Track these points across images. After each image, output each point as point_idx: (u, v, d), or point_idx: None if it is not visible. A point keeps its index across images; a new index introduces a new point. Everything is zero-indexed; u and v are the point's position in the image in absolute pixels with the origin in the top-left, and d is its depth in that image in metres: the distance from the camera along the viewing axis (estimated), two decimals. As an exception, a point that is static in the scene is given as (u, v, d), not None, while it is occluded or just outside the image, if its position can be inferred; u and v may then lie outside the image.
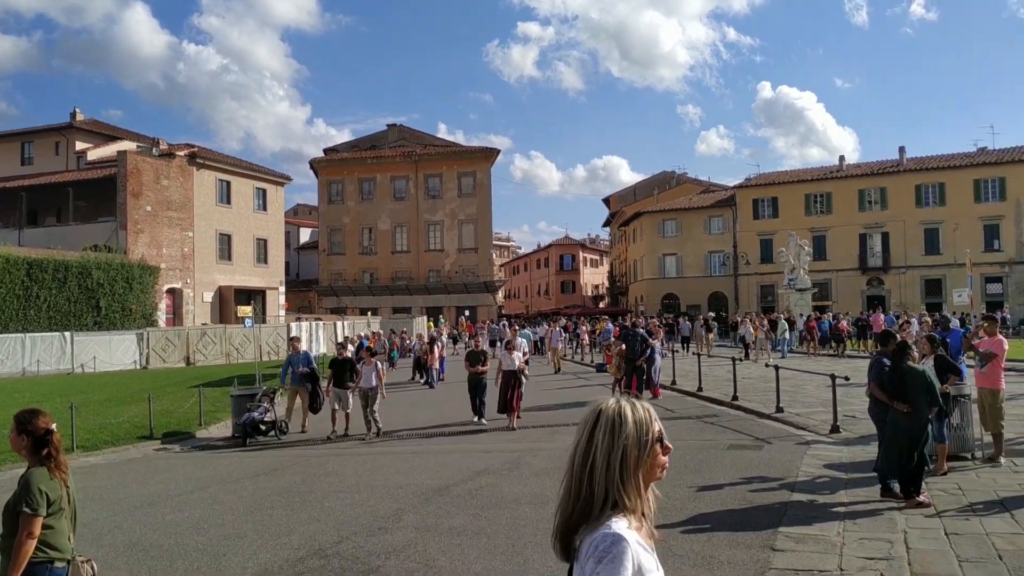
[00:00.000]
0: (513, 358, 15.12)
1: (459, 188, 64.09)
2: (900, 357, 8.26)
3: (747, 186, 62.56)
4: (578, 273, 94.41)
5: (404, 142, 69.30)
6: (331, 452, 13.50)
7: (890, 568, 5.96)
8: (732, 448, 11.60)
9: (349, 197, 65.42)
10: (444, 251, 64.18)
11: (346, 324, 42.27)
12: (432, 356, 24.43)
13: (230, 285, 47.47)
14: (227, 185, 48.21)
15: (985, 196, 53.51)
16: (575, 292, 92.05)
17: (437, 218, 64.32)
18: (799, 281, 41.54)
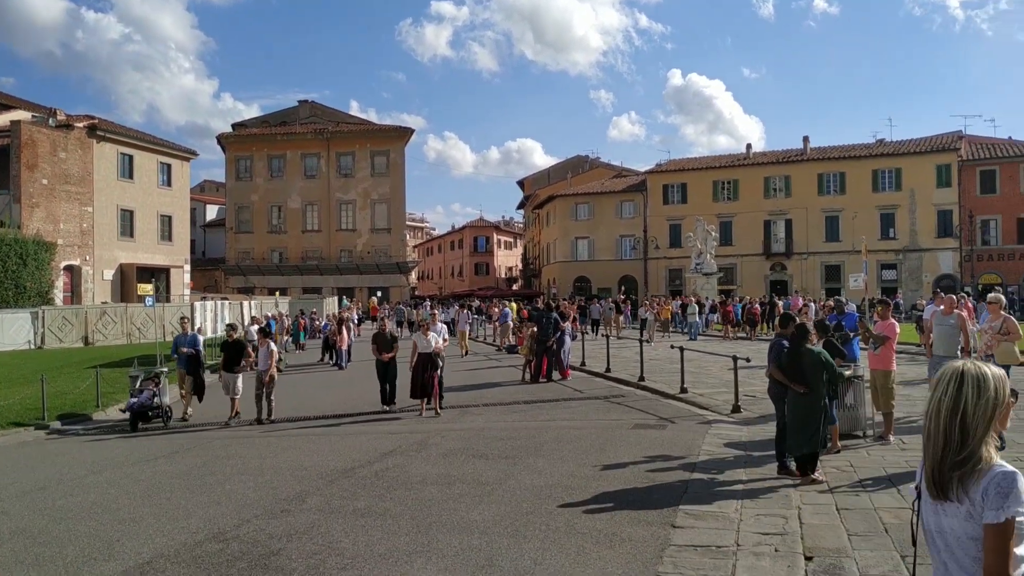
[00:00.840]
0: (429, 339, 14.17)
1: (372, 167, 63.29)
2: (799, 340, 8.49)
3: (658, 172, 63.63)
4: (492, 255, 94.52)
5: (316, 119, 67.95)
6: (234, 435, 13.20)
7: (784, 543, 6.14)
8: (637, 428, 11.80)
9: (258, 174, 63.90)
10: (356, 231, 63.37)
11: (254, 304, 41.35)
12: (341, 337, 24.11)
13: (132, 263, 45.84)
14: (129, 159, 46.44)
15: (882, 186, 55.71)
16: (489, 274, 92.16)
17: (349, 197, 63.42)
18: (706, 265, 42.51)
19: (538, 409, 14.31)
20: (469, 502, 7.73)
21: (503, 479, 8.68)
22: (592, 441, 10.73)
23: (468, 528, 6.83)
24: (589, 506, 7.40)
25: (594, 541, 6.35)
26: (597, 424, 12.39)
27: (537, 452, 10.14)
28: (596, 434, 11.33)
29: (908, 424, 11.09)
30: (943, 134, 58.58)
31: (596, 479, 8.50)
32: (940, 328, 11.37)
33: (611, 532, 6.57)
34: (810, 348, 8.39)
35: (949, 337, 11.21)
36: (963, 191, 53.48)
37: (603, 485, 8.21)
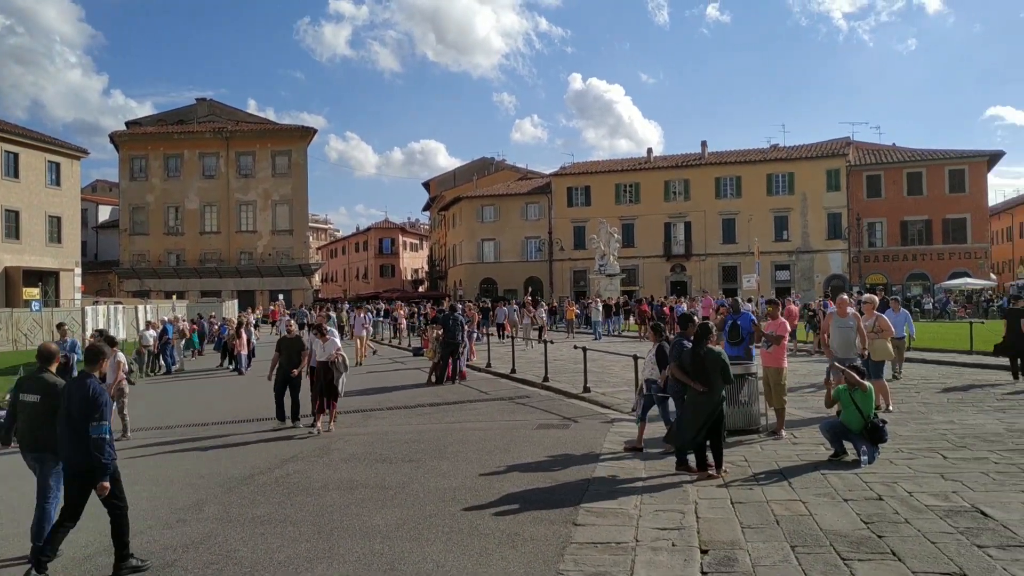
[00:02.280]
0: (326, 346, 12.75)
1: (273, 167, 62.00)
2: (701, 340, 8.72)
3: (562, 174, 64.39)
4: (398, 257, 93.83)
5: (215, 117, 66.16)
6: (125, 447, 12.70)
7: (681, 537, 6.30)
8: (541, 428, 11.91)
9: (154, 174, 61.82)
10: (257, 232, 61.98)
11: (149, 308, 39.90)
12: (240, 341, 23.52)
13: (18, 266, 43.73)
14: (14, 157, 44.29)
15: (776, 190, 57.79)
16: (395, 276, 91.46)
17: (250, 198, 61.96)
18: (609, 267, 43.23)
19: (443, 411, 14.29)
20: (372, 507, 7.67)
21: (406, 483, 8.64)
22: (496, 442, 10.78)
23: (370, 533, 6.77)
24: (493, 507, 7.43)
25: (497, 542, 6.39)
26: (502, 425, 12.45)
27: (441, 455, 10.12)
28: (500, 435, 11.38)
29: (800, 419, 11.52)
30: (833, 140, 61.21)
31: (500, 480, 8.55)
32: (838, 330, 11.41)
33: (514, 532, 6.62)
34: (711, 349, 8.64)
35: (846, 339, 11.31)
36: (851, 195, 55.95)
37: (507, 486, 8.26)
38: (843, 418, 9.08)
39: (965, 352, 20.04)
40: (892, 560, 5.62)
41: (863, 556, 5.72)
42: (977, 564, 5.47)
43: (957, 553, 5.70)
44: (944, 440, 9.85)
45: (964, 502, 7.01)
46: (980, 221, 55.15)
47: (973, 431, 10.40)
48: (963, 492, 7.35)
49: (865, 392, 9.05)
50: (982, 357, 18.23)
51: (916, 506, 6.94)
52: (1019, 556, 5.60)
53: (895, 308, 16.34)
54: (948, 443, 9.67)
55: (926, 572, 5.36)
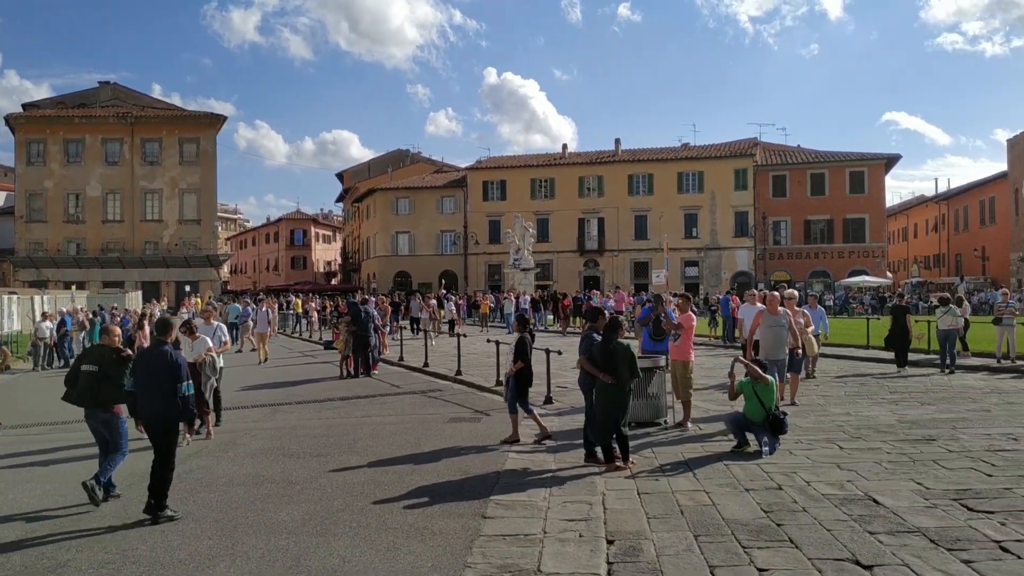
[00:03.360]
0: (195, 345, 11.30)
1: (181, 155, 60.01)
2: (611, 333, 8.82)
3: (478, 168, 64.44)
4: (310, 249, 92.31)
5: (119, 102, 63.66)
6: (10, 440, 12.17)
7: (588, 528, 6.38)
8: (453, 421, 11.90)
9: (53, 159, 59.11)
10: (163, 222, 59.97)
11: (47, 299, 38.30)
12: (143, 334, 22.75)
13: (-100, 253, 41.30)
14: None
15: (686, 188, 59.08)
16: (306, 268, 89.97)
17: (156, 186, 59.89)
18: (524, 261, 43.44)
19: (353, 406, 14.13)
20: (278, 502, 7.53)
21: (314, 477, 8.51)
22: (407, 436, 10.72)
23: (276, 529, 6.65)
24: (402, 501, 7.39)
25: (405, 536, 6.35)
26: (413, 419, 12.39)
27: (351, 449, 10.01)
28: (412, 429, 11.33)
29: (703, 413, 11.79)
30: (741, 140, 62.80)
31: (410, 474, 8.50)
32: (769, 329, 11.13)
33: (423, 526, 6.59)
34: (620, 342, 8.75)
35: (778, 337, 11.13)
36: (758, 194, 57.60)
37: (417, 480, 8.22)
38: (745, 410, 9.34)
39: (863, 347, 20.85)
40: (789, 547, 5.81)
41: (762, 544, 5.90)
42: (868, 549, 5.70)
43: (850, 539, 5.93)
44: (841, 431, 10.23)
45: (858, 490, 7.30)
46: (878, 221, 57.52)
47: (867, 422, 10.84)
48: (857, 481, 7.65)
49: (767, 385, 9.34)
50: (878, 352, 19.00)
51: (813, 495, 7.19)
52: (907, 541, 5.86)
53: (812, 305, 16.66)
54: (844, 434, 10.05)
55: (821, 558, 5.56)
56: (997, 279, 52.38)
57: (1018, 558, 5.46)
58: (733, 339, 25.52)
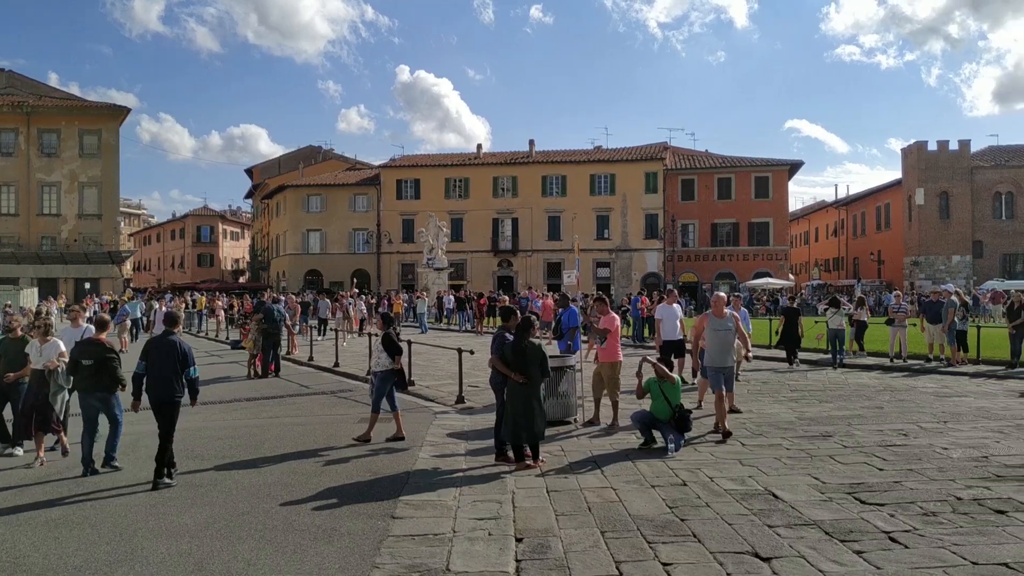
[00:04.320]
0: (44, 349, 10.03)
1: (81, 147, 57.64)
2: (523, 332, 8.87)
3: (391, 167, 63.97)
4: (217, 246, 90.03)
5: (14, 90, 60.74)
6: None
7: (497, 527, 6.41)
8: (363, 421, 11.70)
9: (-60, 148, 56.09)
10: (62, 216, 57.53)
11: (-69, 296, 36.32)
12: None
13: None
14: None
15: (599, 190, 59.90)
16: (214, 266, 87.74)
17: (53, 179, 57.38)
18: (437, 261, 43.31)
19: (261, 406, 13.86)
20: (180, 505, 7.32)
21: (219, 480, 8.32)
22: (316, 437, 10.57)
23: (177, 533, 6.46)
24: (309, 503, 7.28)
25: (312, 538, 6.27)
26: (322, 419, 12.23)
27: (258, 450, 9.81)
28: (321, 430, 11.18)
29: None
30: (651, 144, 64.04)
31: (318, 475, 8.39)
32: (715, 333, 10.20)
33: (331, 527, 6.51)
34: (532, 341, 8.81)
35: (724, 342, 10.20)
36: (667, 197, 58.82)
37: (325, 481, 8.12)
38: (652, 408, 9.54)
39: (766, 347, 21.50)
40: (693, 542, 5.96)
41: (667, 539, 6.03)
42: (767, 542, 5.90)
43: (751, 533, 6.12)
44: (743, 428, 10.54)
45: (758, 486, 7.54)
46: (781, 225, 59.47)
47: (768, 420, 11.21)
48: (758, 476, 7.91)
49: (673, 384, 9.55)
50: (780, 351, 19.63)
51: (716, 490, 7.40)
52: (803, 534, 6.08)
53: (736, 306, 15.82)
54: (746, 431, 10.36)
55: (722, 551, 5.72)
56: (892, 282, 54.77)
57: (905, 547, 5.73)
58: (642, 339, 26.05)
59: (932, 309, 18.59)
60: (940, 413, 11.76)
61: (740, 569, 5.38)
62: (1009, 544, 5.77)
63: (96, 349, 9.04)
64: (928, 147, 56.76)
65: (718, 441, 9.75)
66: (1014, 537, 5.92)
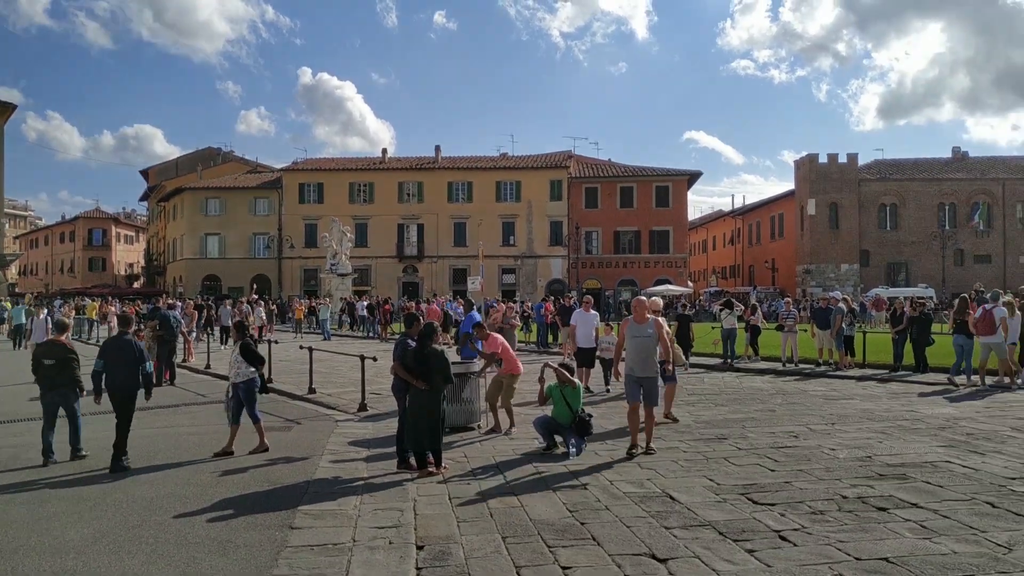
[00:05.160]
0: None
1: (-40, 145, 54.62)
2: (426, 339, 8.82)
3: (294, 170, 62.89)
4: (110, 250, 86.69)
5: None
6: None
7: (398, 535, 6.36)
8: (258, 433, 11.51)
9: None
10: (-61, 217, 54.39)
11: None
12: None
13: None
14: None
15: (504, 197, 60.30)
16: (106, 270, 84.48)
17: (-71, 178, 54.20)
18: (340, 266, 42.81)
19: (154, 415, 13.36)
20: (66, 521, 7.00)
21: (109, 492, 7.99)
22: (213, 447, 10.25)
23: (62, 550, 6.18)
24: (204, 514, 7.07)
25: (207, 550, 6.09)
26: (219, 429, 11.84)
27: (150, 461, 9.47)
28: (218, 439, 10.82)
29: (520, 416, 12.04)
30: (556, 152, 64.85)
31: (214, 486, 8.16)
32: (634, 340, 9.39)
33: (226, 539, 6.34)
34: (435, 348, 8.78)
35: (645, 349, 9.30)
36: (572, 205, 59.63)
37: (221, 492, 7.90)
38: (554, 413, 9.64)
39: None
40: (592, 545, 6.05)
41: (567, 543, 6.10)
42: (664, 543, 6.03)
43: (648, 535, 6.25)
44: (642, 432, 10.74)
45: (656, 488, 7.71)
46: (681, 234, 61.02)
47: (668, 423, 11.46)
48: (656, 479, 8.08)
49: (575, 389, 9.68)
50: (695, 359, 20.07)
51: (616, 494, 7.53)
52: (699, 534, 6.25)
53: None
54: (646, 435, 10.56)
55: (621, 554, 5.82)
56: (785, 289, 56.84)
57: (794, 545, 5.94)
58: (546, 345, 26.31)
59: (821, 315, 19.40)
60: (828, 415, 12.26)
61: (637, 571, 5.48)
62: (889, 539, 6.06)
63: (58, 350, 9.78)
64: (819, 160, 59.28)
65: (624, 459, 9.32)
66: (894, 533, 6.22)
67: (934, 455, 9.12)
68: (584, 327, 14.33)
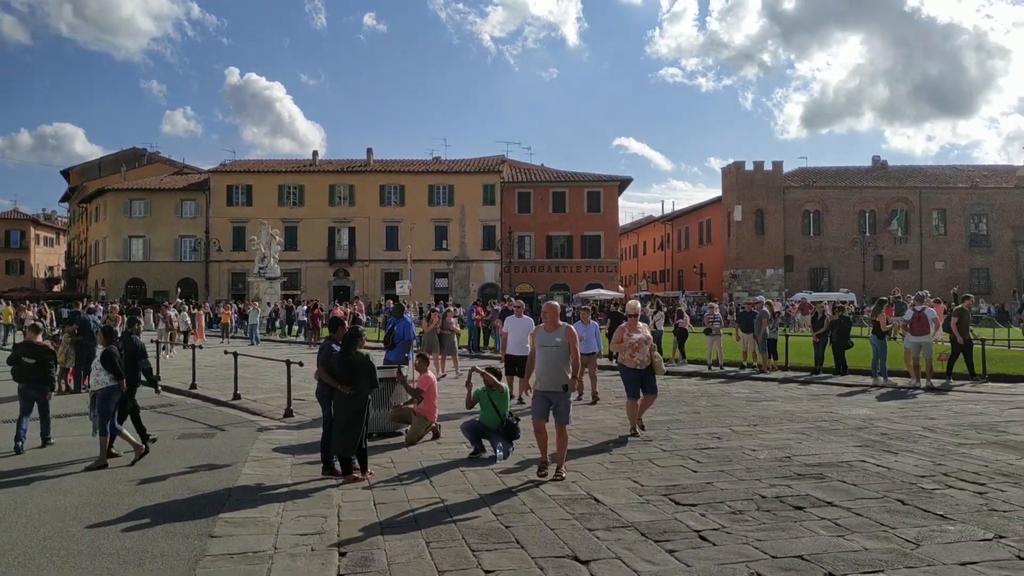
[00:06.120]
0: None
1: None
2: (350, 343, 8.74)
3: (222, 171, 61.72)
4: (29, 252, 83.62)
5: None
6: None
7: (321, 541, 6.29)
8: (183, 437, 11.30)
9: None
10: None
11: None
12: None
13: None
14: None
15: (437, 201, 60.16)
16: (24, 273, 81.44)
17: None
18: (269, 270, 42.11)
19: (72, 423, 12.97)
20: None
21: (20, 503, 7.72)
22: (131, 455, 10.00)
23: (-34, 563, 5.96)
24: (120, 524, 6.89)
25: (121, 561, 5.93)
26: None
27: (65, 470, 9.19)
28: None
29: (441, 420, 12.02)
30: (489, 157, 64.95)
31: (131, 495, 7.95)
32: (540, 350, 8.42)
33: (142, 550, 6.18)
34: (359, 352, 8.71)
35: (552, 362, 8.32)
36: (504, 209, 59.79)
37: (138, 501, 7.70)
38: (481, 417, 9.66)
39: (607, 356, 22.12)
40: (516, 548, 6.07)
41: (490, 546, 6.12)
42: (587, 545, 6.09)
43: (571, 537, 6.30)
44: (570, 435, 10.78)
45: (581, 491, 7.78)
46: (612, 239, 61.74)
47: (594, 426, 11.61)
48: (581, 481, 8.16)
49: (502, 393, 9.71)
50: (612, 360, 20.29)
51: (541, 496, 7.57)
52: (621, 536, 6.33)
53: (585, 320, 14.97)
54: (572, 438, 10.61)
55: (544, 556, 5.86)
56: (713, 293, 57.89)
57: (714, 545, 6.07)
58: (478, 349, 26.33)
59: (745, 319, 19.85)
60: (751, 417, 12.54)
61: (559, 573, 5.53)
62: (805, 537, 6.23)
63: (38, 351, 10.95)
64: (745, 167, 60.56)
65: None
66: (809, 531, 6.39)
67: (850, 455, 9.41)
68: (516, 333, 13.99)
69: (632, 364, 10.69)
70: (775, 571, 5.48)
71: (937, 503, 7.14)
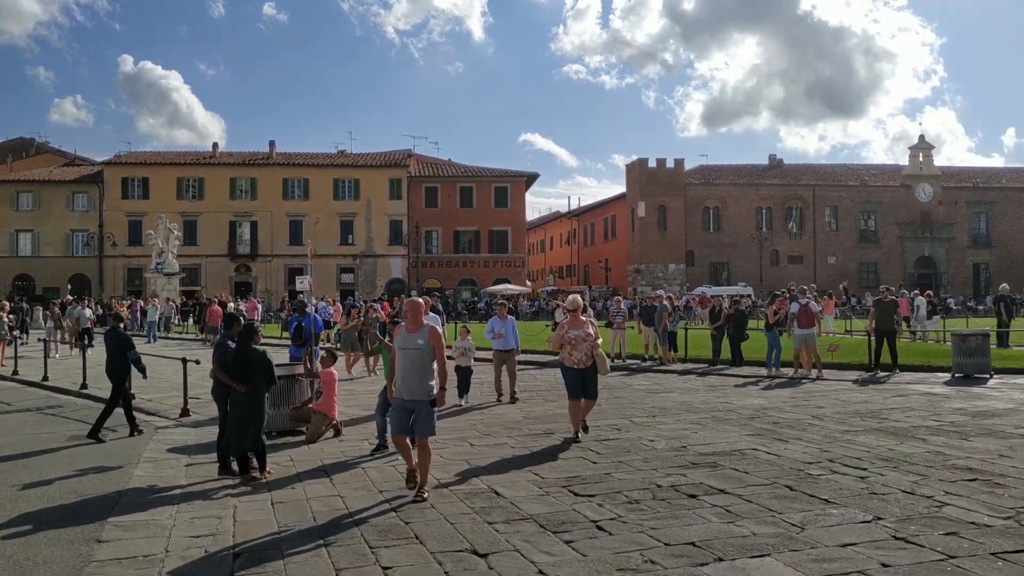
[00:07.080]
0: None
1: None
2: (246, 340, 8.56)
3: (117, 163, 59.49)
4: (-98, 247, 78.85)
5: None
6: None
7: (215, 543, 6.16)
8: (73, 439, 10.88)
9: None
10: None
11: None
12: None
13: None
14: None
15: (343, 195, 59.40)
16: (-103, 269, 76.71)
17: None
18: (167, 265, 40.92)
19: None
20: None
21: None
22: (14, 459, 9.59)
23: None
24: (3, 531, 6.59)
25: (0, 570, 5.68)
26: (25, 439, 11.11)
27: (-59, 477, 8.74)
28: (21, 450, 10.15)
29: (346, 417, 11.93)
30: (396, 151, 64.47)
31: (14, 501, 7.61)
32: (400, 353, 7.49)
33: (24, 557, 5.93)
34: (256, 349, 8.54)
35: (412, 367, 7.40)
36: (412, 204, 59.49)
37: (21, 506, 7.38)
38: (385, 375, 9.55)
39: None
40: (415, 543, 6.07)
41: (389, 543, 6.10)
42: (486, 539, 6.14)
43: (471, 531, 6.34)
44: (474, 429, 10.91)
45: (482, 484, 7.83)
46: (519, 234, 62.15)
47: (497, 420, 11.70)
48: (483, 475, 8.21)
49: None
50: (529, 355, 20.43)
51: (441, 492, 7.58)
52: (520, 528, 6.39)
53: (502, 315, 14.64)
54: (476, 432, 10.73)
55: (443, 551, 5.87)
56: (618, 288, 58.91)
57: (610, 534, 6.19)
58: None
59: (647, 313, 20.28)
60: (650, 408, 12.85)
61: (458, 567, 5.55)
62: (697, 525, 6.42)
63: None
64: (648, 164, 61.84)
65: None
66: (702, 518, 6.59)
67: (743, 443, 9.74)
68: None
69: (571, 363, 10.03)
70: (668, 558, 5.63)
71: (822, 488, 7.46)
